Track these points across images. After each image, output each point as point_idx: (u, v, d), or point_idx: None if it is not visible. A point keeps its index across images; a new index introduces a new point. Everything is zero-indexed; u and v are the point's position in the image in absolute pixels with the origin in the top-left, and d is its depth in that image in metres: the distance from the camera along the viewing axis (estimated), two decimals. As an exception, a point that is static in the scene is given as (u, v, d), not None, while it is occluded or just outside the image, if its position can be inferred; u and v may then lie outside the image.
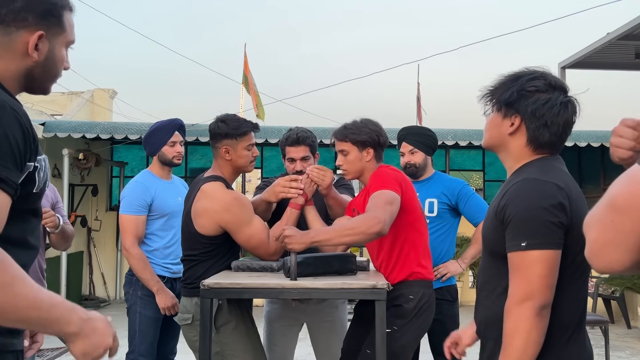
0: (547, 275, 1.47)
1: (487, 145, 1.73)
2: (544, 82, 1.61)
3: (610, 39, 9.51)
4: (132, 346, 3.23)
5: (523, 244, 1.48)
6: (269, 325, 3.11)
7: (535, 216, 1.48)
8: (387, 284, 2.27)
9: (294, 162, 2.96)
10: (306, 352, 3.17)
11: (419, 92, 12.34)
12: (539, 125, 1.59)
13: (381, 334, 2.23)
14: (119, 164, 9.62)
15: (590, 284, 6.96)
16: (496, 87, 1.67)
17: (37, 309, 1.08)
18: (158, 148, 3.31)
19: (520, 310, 1.47)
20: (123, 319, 3.36)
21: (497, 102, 1.66)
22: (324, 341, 3.07)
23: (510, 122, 1.62)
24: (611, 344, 5.11)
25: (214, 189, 2.54)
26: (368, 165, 2.59)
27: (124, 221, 3.24)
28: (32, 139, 1.18)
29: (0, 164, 1.10)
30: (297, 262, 2.33)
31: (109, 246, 9.51)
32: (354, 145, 2.57)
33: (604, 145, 8.29)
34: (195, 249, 2.58)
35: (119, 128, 7.81)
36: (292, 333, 3.10)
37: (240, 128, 2.60)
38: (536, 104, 1.59)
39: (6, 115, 1.13)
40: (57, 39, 1.31)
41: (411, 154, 3.27)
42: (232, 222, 2.50)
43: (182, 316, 2.63)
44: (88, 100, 13.49)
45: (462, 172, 11.14)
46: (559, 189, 1.52)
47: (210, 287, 2.27)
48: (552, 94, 1.60)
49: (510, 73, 1.67)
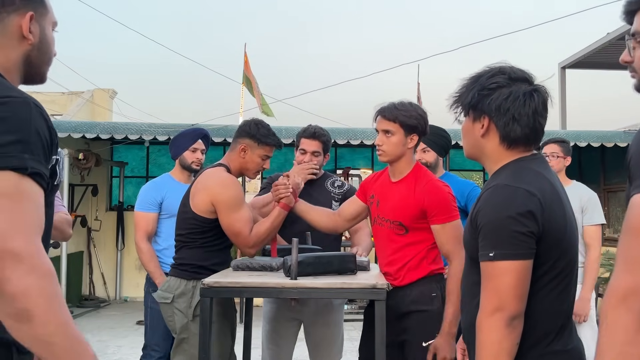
0: (516, 285, 1.44)
1: (468, 154, 1.69)
2: (504, 77, 1.58)
3: (610, 39, 9.52)
4: (146, 340, 3.45)
5: (491, 254, 1.46)
6: (267, 324, 3.10)
7: (503, 226, 1.45)
8: (387, 283, 2.27)
9: (305, 154, 3.05)
10: (306, 354, 3.18)
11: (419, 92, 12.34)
12: (507, 120, 1.55)
13: (381, 334, 2.23)
14: (119, 164, 9.62)
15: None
16: (461, 93, 1.63)
17: (75, 354, 1.06)
18: (180, 152, 3.51)
19: (490, 322, 1.44)
20: (123, 318, 3.41)
21: (463, 107, 1.63)
22: (320, 342, 3.07)
23: (480, 125, 1.59)
24: (611, 343, 5.09)
25: (214, 171, 2.65)
26: (408, 152, 2.49)
27: (135, 217, 3.49)
28: (55, 134, 1.21)
29: (36, 159, 1.11)
30: (297, 261, 2.34)
31: (109, 246, 9.50)
32: (402, 127, 2.44)
33: (604, 145, 8.29)
34: (187, 229, 2.64)
35: (119, 128, 7.81)
36: (291, 333, 3.09)
37: (267, 137, 2.70)
38: (499, 99, 1.55)
39: (32, 111, 1.14)
40: (44, 20, 1.31)
41: (424, 153, 3.22)
42: (222, 201, 2.55)
43: (163, 294, 2.66)
44: (88, 100, 13.49)
45: (461, 172, 11.14)
46: (530, 195, 1.47)
47: (210, 286, 2.27)
48: (514, 86, 1.56)
49: (470, 75, 1.64)
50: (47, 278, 1.03)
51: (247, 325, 3.10)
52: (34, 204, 1.09)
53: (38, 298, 1.01)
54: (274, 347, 3.07)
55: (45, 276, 1.03)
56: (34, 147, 1.11)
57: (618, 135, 8.48)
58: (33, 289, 1.01)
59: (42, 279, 1.02)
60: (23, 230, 1.04)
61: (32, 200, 1.09)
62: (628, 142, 8.26)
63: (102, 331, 6.86)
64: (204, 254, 2.62)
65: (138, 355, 3.61)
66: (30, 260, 1.02)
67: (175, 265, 2.71)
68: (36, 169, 1.10)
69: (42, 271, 1.03)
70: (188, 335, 2.56)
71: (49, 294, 1.03)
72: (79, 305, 8.52)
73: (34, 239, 1.06)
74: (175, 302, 2.60)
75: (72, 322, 1.07)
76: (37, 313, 1.01)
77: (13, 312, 1.01)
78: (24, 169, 1.08)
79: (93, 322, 7.48)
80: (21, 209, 1.06)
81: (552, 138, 3.81)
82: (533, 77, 1.62)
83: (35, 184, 1.10)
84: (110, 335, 6.66)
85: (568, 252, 1.53)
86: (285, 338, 3.07)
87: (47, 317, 1.01)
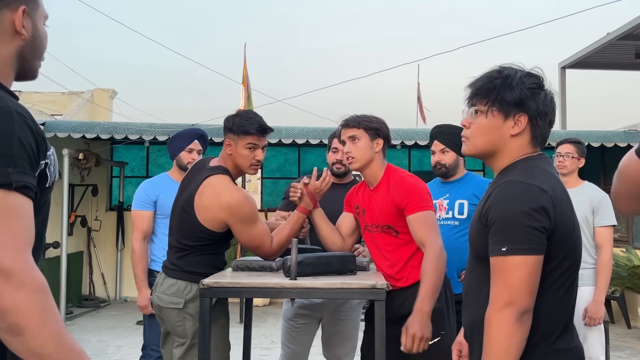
0: (527, 280, 1.44)
1: (478, 151, 1.65)
2: (537, 79, 1.60)
3: (610, 39, 9.52)
4: (145, 340, 3.46)
5: (503, 249, 1.46)
6: (286, 323, 3.17)
7: (516, 221, 1.45)
8: (386, 284, 2.27)
9: (337, 152, 3.11)
10: (319, 351, 3.22)
11: (419, 91, 12.35)
12: (545, 122, 1.59)
13: (381, 334, 2.23)
14: (119, 164, 9.62)
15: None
16: (490, 88, 1.59)
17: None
18: (177, 152, 3.50)
19: (501, 316, 1.45)
20: (123, 318, 3.42)
21: (499, 104, 1.58)
22: (333, 337, 3.15)
23: (513, 122, 1.58)
24: (611, 344, 5.10)
25: (221, 184, 2.47)
26: (377, 156, 2.56)
27: (132, 216, 3.52)
28: (42, 139, 1.18)
29: (21, 171, 1.10)
30: (297, 261, 2.33)
31: (109, 246, 9.50)
32: (366, 132, 2.55)
33: (604, 145, 8.28)
34: (194, 240, 2.51)
35: (119, 128, 7.80)
36: (309, 332, 3.15)
37: (243, 126, 2.52)
38: (544, 101, 1.58)
39: (15, 120, 1.13)
40: (36, 14, 1.30)
41: (442, 153, 3.11)
42: (238, 221, 2.47)
43: (172, 299, 2.50)
44: (88, 100, 13.48)
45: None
46: (542, 191, 1.48)
47: (209, 286, 2.27)
48: (545, 89, 1.61)
49: (491, 73, 1.62)
50: (38, 293, 1.06)
51: (247, 325, 3.10)
52: (22, 218, 1.09)
53: (29, 313, 1.04)
54: (293, 346, 3.14)
55: (35, 291, 1.06)
56: (17, 159, 1.10)
57: (618, 135, 8.48)
58: (23, 304, 1.04)
59: (33, 294, 1.05)
60: (12, 247, 1.05)
61: (20, 215, 1.09)
62: (628, 142, 8.27)
63: (102, 331, 6.86)
64: (210, 260, 2.56)
65: (138, 355, 3.62)
66: (19, 276, 1.04)
67: (181, 270, 2.54)
68: (22, 181, 1.09)
69: (33, 286, 1.06)
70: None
71: (40, 307, 1.06)
72: (79, 305, 8.51)
73: (23, 254, 1.07)
74: (186, 307, 2.47)
75: (66, 332, 1.10)
76: (28, 327, 1.04)
77: (5, 327, 1.04)
78: (9, 184, 1.08)
79: (93, 322, 7.48)
80: (9, 225, 1.06)
81: (568, 138, 3.75)
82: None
83: (22, 196, 1.10)
84: (110, 335, 6.66)
85: (574, 251, 1.55)
86: (303, 337, 3.13)
87: (38, 330, 1.05)
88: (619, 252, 7.17)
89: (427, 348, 2.28)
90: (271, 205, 9.28)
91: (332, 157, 3.13)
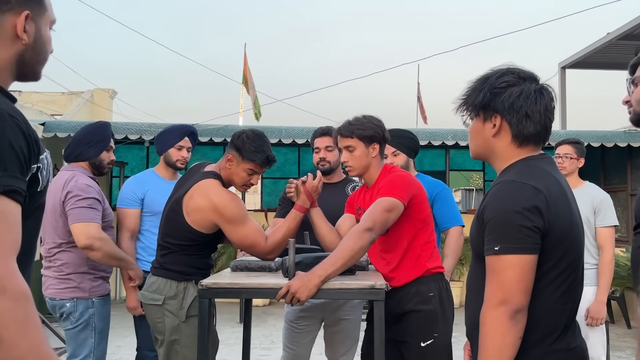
0: (520, 279, 1.45)
1: (475, 154, 1.71)
2: (513, 76, 1.59)
3: (610, 39, 9.52)
4: (139, 342, 3.41)
5: (496, 248, 1.47)
6: (287, 325, 3.18)
7: (508, 220, 1.46)
8: (385, 284, 2.26)
9: (319, 152, 3.21)
10: (321, 351, 3.23)
11: (419, 91, 12.35)
12: (520, 117, 1.57)
13: (380, 334, 2.23)
14: (119, 164, 9.61)
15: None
16: (468, 94, 1.64)
17: None
18: (165, 149, 3.40)
19: (494, 314, 1.45)
20: (123, 318, 3.42)
21: (472, 108, 1.63)
22: (334, 336, 3.16)
23: (492, 124, 1.60)
24: (611, 344, 5.10)
25: (209, 187, 2.53)
26: (374, 161, 2.59)
27: (118, 215, 3.36)
28: (35, 142, 1.17)
29: (10, 175, 1.09)
30: (295, 262, 2.33)
31: (109, 246, 9.48)
32: (361, 140, 2.55)
33: (604, 145, 8.29)
34: (180, 239, 2.55)
35: (119, 128, 7.80)
36: (311, 333, 3.17)
37: (253, 153, 2.57)
38: (511, 97, 1.57)
39: (6, 124, 1.12)
40: (41, 19, 1.29)
41: (394, 156, 3.26)
42: (226, 221, 2.50)
43: (152, 295, 2.57)
44: (88, 100, 13.48)
45: (462, 172, 11.14)
46: (537, 191, 1.48)
47: (208, 287, 2.27)
48: (524, 84, 1.58)
49: (477, 78, 1.65)
50: (19, 301, 1.03)
51: (247, 325, 3.10)
52: (7, 224, 1.07)
53: (8, 322, 1.01)
54: (294, 347, 3.15)
55: (16, 299, 1.03)
56: (7, 162, 1.09)
57: (618, 135, 8.48)
58: (3, 312, 1.01)
59: (13, 302, 1.03)
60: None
61: (7, 219, 1.07)
62: (628, 142, 8.28)
63: (102, 331, 6.84)
64: (191, 261, 2.58)
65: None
66: (1, 283, 1.02)
67: (161, 268, 2.60)
68: (10, 186, 1.08)
69: (14, 294, 1.03)
70: (179, 336, 2.53)
71: (21, 317, 1.03)
72: (78, 306, 8.50)
73: (7, 261, 1.04)
74: (166, 304, 2.54)
75: (46, 343, 1.07)
76: (7, 336, 1.01)
77: None
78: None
79: (93, 322, 7.46)
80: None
81: (566, 139, 3.76)
82: (539, 77, 1.63)
83: (10, 201, 1.08)
84: (110, 335, 6.61)
85: (573, 251, 1.54)
86: (305, 339, 3.15)
87: (17, 340, 1.02)
88: (619, 252, 7.16)
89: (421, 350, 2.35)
90: (271, 205, 9.29)
91: (316, 157, 3.22)
